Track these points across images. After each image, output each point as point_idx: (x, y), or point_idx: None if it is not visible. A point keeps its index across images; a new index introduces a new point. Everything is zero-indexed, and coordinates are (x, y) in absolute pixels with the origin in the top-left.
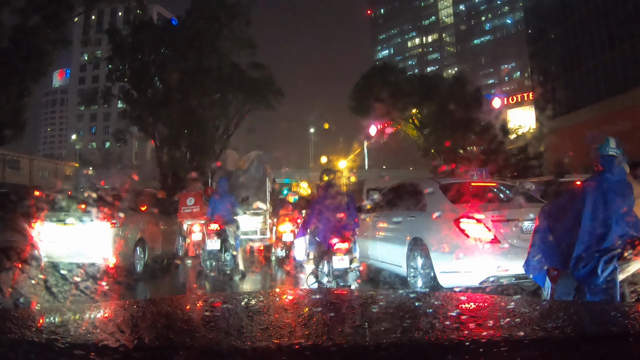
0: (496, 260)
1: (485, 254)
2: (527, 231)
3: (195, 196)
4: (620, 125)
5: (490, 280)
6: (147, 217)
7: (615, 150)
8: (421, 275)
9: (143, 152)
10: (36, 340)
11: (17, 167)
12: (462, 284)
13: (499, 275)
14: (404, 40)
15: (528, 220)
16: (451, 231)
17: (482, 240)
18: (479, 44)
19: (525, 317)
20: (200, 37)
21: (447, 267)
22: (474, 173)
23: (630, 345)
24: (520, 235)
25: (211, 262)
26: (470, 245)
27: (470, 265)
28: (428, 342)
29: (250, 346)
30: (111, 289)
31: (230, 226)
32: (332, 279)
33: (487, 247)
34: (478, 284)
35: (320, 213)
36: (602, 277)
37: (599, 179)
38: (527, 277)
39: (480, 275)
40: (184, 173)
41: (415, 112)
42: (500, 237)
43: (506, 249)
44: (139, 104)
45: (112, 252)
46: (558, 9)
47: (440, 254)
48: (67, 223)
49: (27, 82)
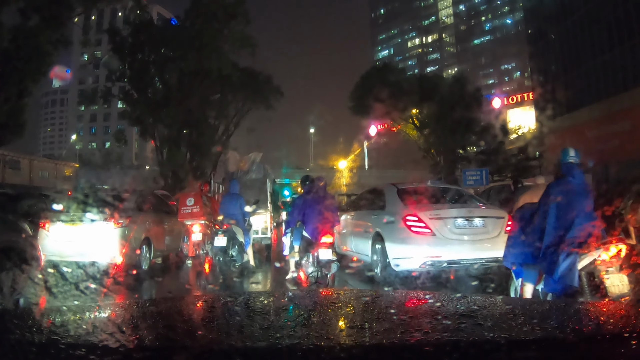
0: (431, 249)
1: (423, 244)
2: (460, 226)
3: (195, 196)
4: (621, 125)
5: (427, 264)
6: (152, 217)
7: (575, 158)
8: (380, 262)
9: (143, 152)
10: (36, 340)
11: (17, 167)
12: (407, 267)
13: (434, 260)
14: (404, 40)
15: (460, 218)
16: (400, 226)
17: (421, 234)
18: (478, 44)
19: (525, 317)
20: (200, 37)
21: (396, 254)
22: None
23: (630, 345)
24: (453, 230)
25: (219, 258)
26: (412, 237)
27: (412, 253)
28: (428, 342)
29: (250, 346)
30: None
31: (239, 225)
32: (317, 269)
33: (424, 239)
34: (418, 267)
35: (306, 212)
36: (564, 265)
37: (562, 182)
38: (460, 263)
39: (419, 261)
40: (184, 173)
41: (415, 112)
42: (435, 231)
43: (440, 240)
44: (139, 104)
45: (119, 251)
46: (558, 9)
47: (392, 244)
48: (75, 223)
49: (26, 83)
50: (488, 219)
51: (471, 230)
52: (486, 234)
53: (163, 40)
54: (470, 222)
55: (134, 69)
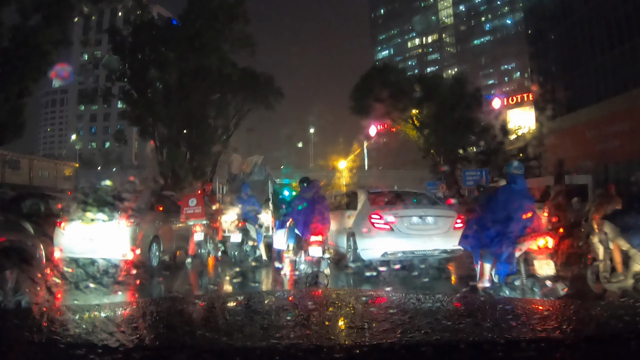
0: (390, 242)
1: (384, 238)
2: (414, 223)
3: (197, 197)
4: (621, 125)
5: (387, 254)
6: (161, 216)
7: (518, 169)
8: (352, 253)
9: (143, 152)
10: (36, 340)
11: (17, 167)
12: (371, 257)
13: (392, 251)
14: (404, 40)
15: (415, 216)
16: (366, 223)
17: (382, 229)
18: (479, 44)
19: (525, 317)
20: (200, 37)
21: (363, 246)
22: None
23: (630, 345)
24: (409, 227)
25: (234, 252)
26: (375, 232)
27: (375, 245)
28: (428, 342)
29: (250, 346)
30: (128, 281)
31: (252, 223)
32: (308, 266)
33: (385, 234)
34: (380, 256)
35: (299, 211)
36: (506, 252)
37: (507, 187)
38: (413, 253)
39: (380, 251)
40: (183, 173)
41: (415, 113)
42: (394, 227)
43: (398, 234)
44: (138, 104)
45: (130, 248)
46: (558, 9)
47: (360, 238)
48: (89, 222)
49: (26, 82)
50: (439, 218)
51: (424, 227)
52: (437, 230)
53: (163, 40)
54: (424, 220)
55: (134, 68)
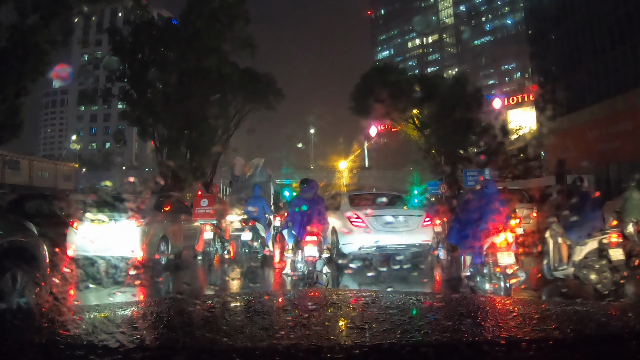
0: (365, 237)
1: (360, 234)
2: (387, 222)
3: (209, 198)
4: (621, 125)
5: (363, 248)
6: (170, 216)
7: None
8: (335, 247)
9: (143, 153)
10: (36, 340)
11: (16, 167)
12: (349, 250)
13: (367, 245)
14: (404, 40)
15: (388, 215)
16: (345, 221)
17: (359, 226)
18: (479, 44)
19: (525, 317)
20: (200, 37)
21: (343, 241)
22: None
23: (630, 345)
24: (383, 225)
25: (245, 250)
26: (353, 229)
27: (352, 240)
28: (428, 342)
29: (250, 346)
30: (138, 278)
31: (262, 222)
32: (304, 266)
33: (361, 231)
34: (357, 250)
35: (296, 212)
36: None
37: (479, 191)
38: (385, 247)
39: (357, 245)
40: (184, 173)
41: (415, 113)
42: (369, 225)
43: (372, 231)
44: (138, 104)
45: (139, 247)
46: (558, 9)
47: (341, 234)
48: (100, 222)
49: (24, 82)
50: (409, 217)
51: (396, 225)
52: (407, 227)
53: (163, 40)
54: (396, 219)
55: (134, 69)
